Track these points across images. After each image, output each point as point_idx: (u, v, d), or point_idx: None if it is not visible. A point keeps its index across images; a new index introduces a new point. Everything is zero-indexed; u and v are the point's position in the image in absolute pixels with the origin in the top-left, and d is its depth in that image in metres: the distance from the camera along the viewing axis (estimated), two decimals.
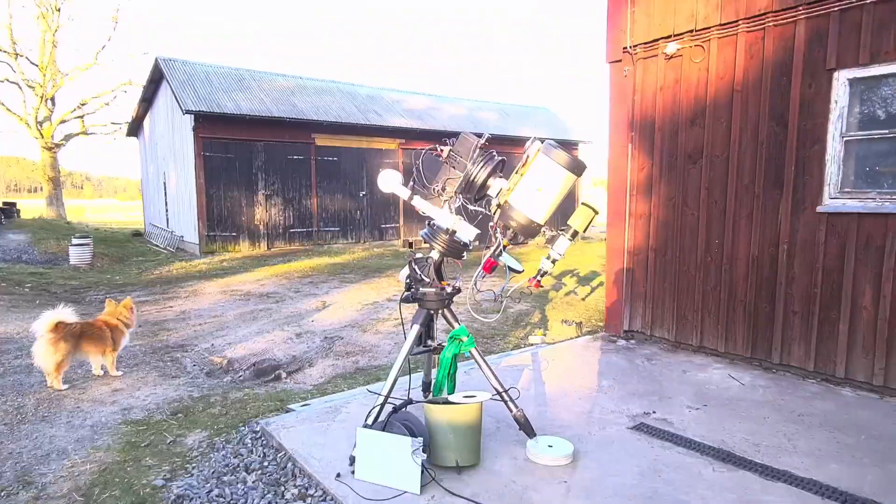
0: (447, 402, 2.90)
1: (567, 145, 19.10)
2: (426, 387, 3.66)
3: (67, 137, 25.97)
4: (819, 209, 4.26)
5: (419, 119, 19.34)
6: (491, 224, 3.00)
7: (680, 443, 3.26)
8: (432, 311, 3.21)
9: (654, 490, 2.76)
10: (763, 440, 3.30)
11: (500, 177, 2.99)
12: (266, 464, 3.20)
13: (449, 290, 3.15)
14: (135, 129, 23.74)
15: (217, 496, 2.91)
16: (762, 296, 4.64)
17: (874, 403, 3.89)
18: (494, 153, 3.01)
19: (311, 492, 2.86)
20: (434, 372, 3.32)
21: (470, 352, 3.14)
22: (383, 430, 2.86)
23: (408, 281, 3.20)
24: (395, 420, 2.90)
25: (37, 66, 24.57)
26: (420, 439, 2.75)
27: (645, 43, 5.30)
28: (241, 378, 5.34)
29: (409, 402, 3.08)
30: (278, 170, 16.65)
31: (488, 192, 2.98)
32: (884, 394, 4.00)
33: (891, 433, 3.39)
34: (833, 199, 4.21)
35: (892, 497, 2.69)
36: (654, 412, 3.73)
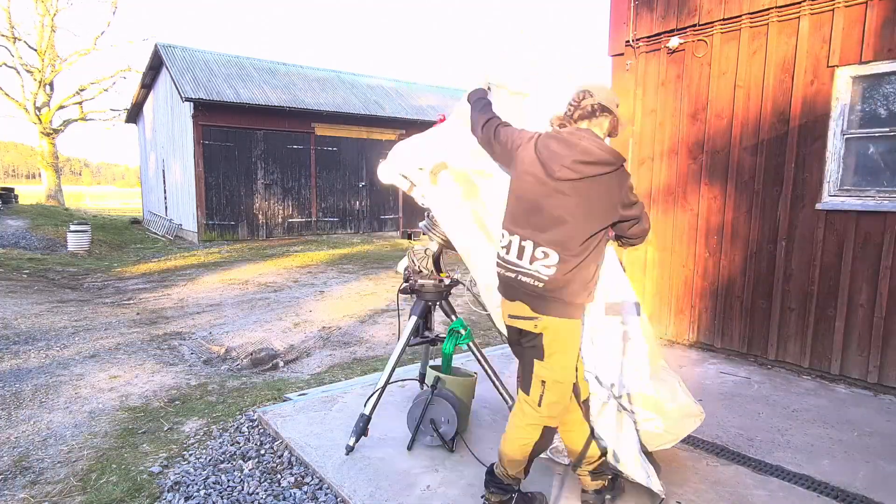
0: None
1: None
2: (422, 378, 3.67)
3: (66, 123, 25.78)
4: (818, 206, 4.26)
5: (421, 112, 19.25)
6: None
7: None
8: (430, 303, 3.22)
9: None
10: (756, 435, 3.32)
11: None
12: (263, 452, 3.22)
13: (447, 281, 3.16)
14: (134, 115, 23.60)
15: (214, 483, 2.93)
16: (759, 292, 4.65)
17: (868, 400, 3.92)
18: None
19: (307, 480, 2.89)
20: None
21: (468, 345, 3.15)
22: (427, 403, 3.05)
23: (406, 272, 3.21)
24: (437, 395, 3.05)
25: (35, 50, 24.33)
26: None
27: (648, 37, 5.27)
28: (239, 367, 5.36)
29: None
30: (278, 159, 16.60)
31: None
32: (878, 391, 4.03)
33: (883, 430, 3.42)
34: (832, 197, 4.22)
35: (882, 493, 2.71)
36: None
